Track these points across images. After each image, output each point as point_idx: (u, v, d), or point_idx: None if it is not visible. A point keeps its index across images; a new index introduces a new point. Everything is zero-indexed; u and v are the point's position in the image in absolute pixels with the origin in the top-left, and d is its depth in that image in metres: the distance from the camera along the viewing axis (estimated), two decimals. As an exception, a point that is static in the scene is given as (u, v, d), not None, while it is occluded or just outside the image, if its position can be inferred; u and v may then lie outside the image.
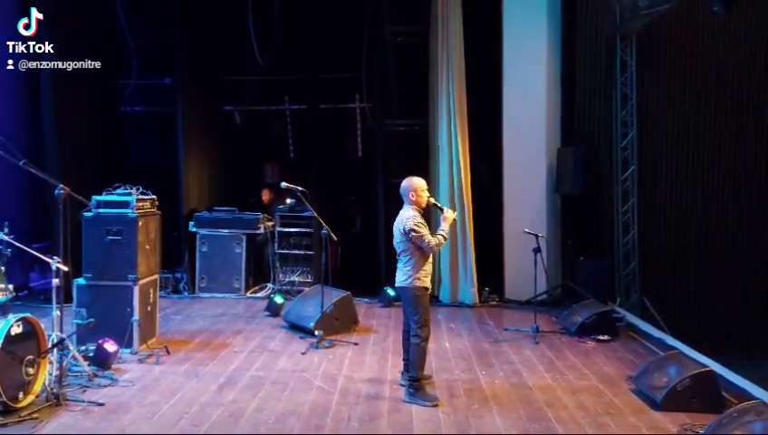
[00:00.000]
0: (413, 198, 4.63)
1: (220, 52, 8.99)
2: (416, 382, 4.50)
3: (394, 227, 4.68)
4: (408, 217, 4.55)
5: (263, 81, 9.10)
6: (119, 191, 5.56)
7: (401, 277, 4.60)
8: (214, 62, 8.97)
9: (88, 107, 7.65)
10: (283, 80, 9.09)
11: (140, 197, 5.57)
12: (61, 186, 4.56)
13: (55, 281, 4.47)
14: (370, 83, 8.62)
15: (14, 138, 7.13)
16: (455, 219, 4.75)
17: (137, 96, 9.01)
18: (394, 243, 4.68)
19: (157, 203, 5.89)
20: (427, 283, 4.62)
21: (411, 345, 4.56)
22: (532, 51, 7.88)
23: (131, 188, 5.57)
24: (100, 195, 5.51)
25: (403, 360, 4.81)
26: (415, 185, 4.68)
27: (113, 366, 4.95)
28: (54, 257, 4.49)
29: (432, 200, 4.74)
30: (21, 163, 4.57)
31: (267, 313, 7.06)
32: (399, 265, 4.65)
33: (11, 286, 4.41)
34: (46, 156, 7.37)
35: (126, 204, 5.46)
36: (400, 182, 4.71)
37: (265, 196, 8.96)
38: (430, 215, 5.09)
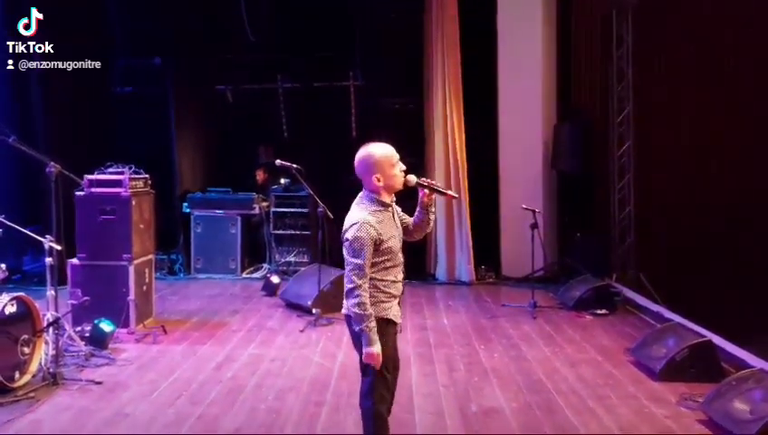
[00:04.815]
0: (379, 182, 2.86)
1: (210, 30, 8.82)
2: None
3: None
4: (351, 222, 2.83)
5: (255, 59, 8.96)
6: (110, 170, 5.48)
7: (347, 299, 2.86)
8: (205, 41, 8.81)
9: (77, 88, 7.51)
10: (276, 58, 8.95)
11: (133, 176, 5.50)
12: (51, 163, 4.49)
13: (48, 260, 4.42)
14: (364, 61, 8.51)
15: (2, 118, 7.07)
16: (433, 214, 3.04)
17: (126, 76, 8.85)
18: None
19: (150, 182, 5.82)
20: (392, 312, 2.89)
21: (362, 415, 2.93)
22: (528, 26, 7.78)
23: (123, 167, 5.49)
24: (92, 175, 5.43)
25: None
26: (378, 160, 2.85)
27: (110, 346, 4.91)
28: (47, 236, 4.43)
29: (415, 179, 2.92)
30: (10, 139, 4.48)
31: (264, 292, 7.03)
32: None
33: (3, 266, 4.33)
34: (36, 139, 7.24)
35: (119, 183, 5.39)
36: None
37: (260, 176, 8.87)
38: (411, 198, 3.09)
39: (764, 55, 8.03)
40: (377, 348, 2.80)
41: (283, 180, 8.17)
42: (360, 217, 2.83)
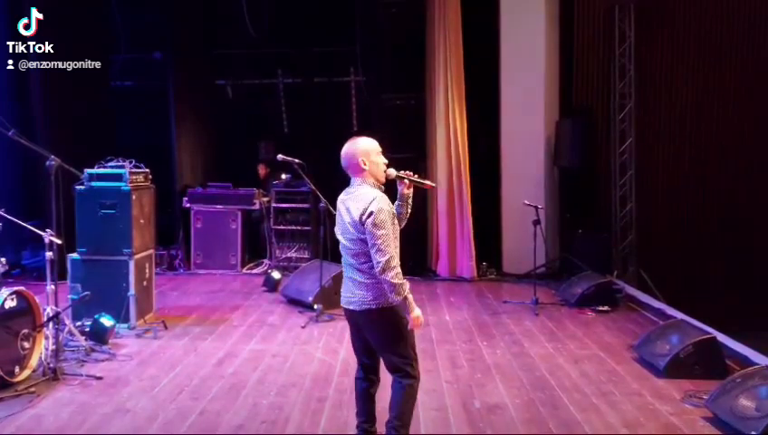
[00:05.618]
0: (365, 166, 2.96)
1: (211, 24, 8.78)
2: None
3: (338, 215, 3.05)
4: (369, 199, 2.88)
5: (255, 54, 8.93)
6: (111, 164, 5.44)
7: (364, 294, 2.94)
8: (205, 35, 8.77)
9: (77, 84, 7.46)
10: (277, 53, 8.92)
11: (133, 170, 5.46)
12: (52, 157, 4.45)
13: (49, 254, 4.38)
14: (365, 56, 8.46)
15: (2, 113, 7.02)
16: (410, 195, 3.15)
17: (126, 71, 8.80)
18: (339, 236, 3.05)
19: (150, 177, 5.78)
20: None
21: (396, 391, 3.04)
22: (530, 22, 7.73)
23: (124, 162, 5.45)
24: (92, 169, 5.38)
25: (358, 419, 3.19)
26: (363, 147, 2.98)
27: (110, 341, 4.88)
28: (47, 230, 4.39)
29: (394, 172, 3.06)
30: (10, 133, 4.44)
31: (265, 288, 7.00)
32: (350, 273, 3.01)
33: (3, 260, 4.29)
34: (35, 133, 7.20)
35: (119, 177, 5.35)
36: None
37: (261, 171, 8.84)
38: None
39: (767, 53, 8.02)
40: (419, 311, 2.95)
41: (284, 176, 8.13)
42: (372, 193, 2.94)
